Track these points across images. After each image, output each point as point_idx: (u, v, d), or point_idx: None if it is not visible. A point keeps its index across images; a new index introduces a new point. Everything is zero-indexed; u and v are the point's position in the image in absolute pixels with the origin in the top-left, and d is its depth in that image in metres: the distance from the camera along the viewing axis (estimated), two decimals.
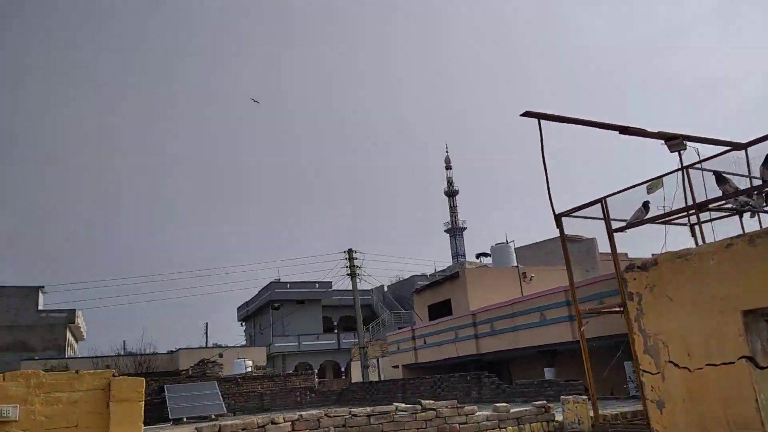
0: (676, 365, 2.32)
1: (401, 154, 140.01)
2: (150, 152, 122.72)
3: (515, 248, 30.92)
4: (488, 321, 20.93)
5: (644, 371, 2.51)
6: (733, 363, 2.09)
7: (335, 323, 50.92)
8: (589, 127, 10.53)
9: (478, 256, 39.58)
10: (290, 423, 8.23)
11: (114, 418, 7.34)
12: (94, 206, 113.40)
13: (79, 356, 45.54)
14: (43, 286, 49.79)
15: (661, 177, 10.06)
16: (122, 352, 43.36)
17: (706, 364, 2.17)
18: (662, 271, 2.43)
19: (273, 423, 8.18)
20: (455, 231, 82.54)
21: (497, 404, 9.86)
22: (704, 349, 2.20)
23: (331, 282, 41.59)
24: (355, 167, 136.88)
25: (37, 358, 40.11)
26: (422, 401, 9.20)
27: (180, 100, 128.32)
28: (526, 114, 10.23)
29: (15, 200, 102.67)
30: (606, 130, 10.54)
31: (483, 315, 21.42)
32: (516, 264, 28.54)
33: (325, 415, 8.50)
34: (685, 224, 10.47)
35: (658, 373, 2.42)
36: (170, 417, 20.81)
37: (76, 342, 56.57)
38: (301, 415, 8.40)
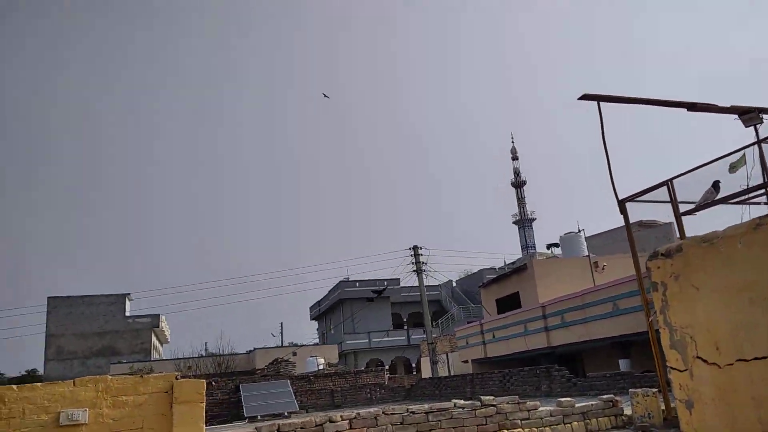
0: (704, 361, 2.10)
1: (465, 147, 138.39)
2: (220, 159, 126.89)
3: (586, 237, 29.88)
4: (558, 313, 20.33)
5: (671, 368, 2.30)
6: (766, 358, 1.85)
7: (405, 319, 51.02)
8: (652, 110, 10.00)
9: (548, 246, 38.54)
10: (348, 421, 8.25)
11: (177, 420, 7.59)
12: (172, 214, 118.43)
13: (164, 358, 47.66)
14: (129, 294, 52.65)
15: (741, 150, 9.34)
16: (204, 354, 45.03)
17: (737, 360, 1.94)
18: (688, 257, 2.21)
19: (330, 421, 8.22)
20: (524, 222, 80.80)
21: (561, 399, 9.54)
22: (733, 343, 1.97)
23: (399, 279, 41.69)
24: (418, 163, 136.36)
25: (125, 361, 42.31)
26: (482, 397, 9.01)
27: (239, 103, 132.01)
28: (584, 97, 9.82)
29: (98, 212, 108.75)
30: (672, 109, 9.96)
31: (553, 307, 20.83)
32: (587, 253, 27.58)
33: (383, 412, 8.47)
34: (759, 203, 9.75)
35: (686, 369, 2.21)
36: (245, 415, 21.37)
37: (161, 345, 59.45)
38: (358, 413, 8.41)
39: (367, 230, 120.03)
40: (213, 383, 23.04)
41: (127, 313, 51.93)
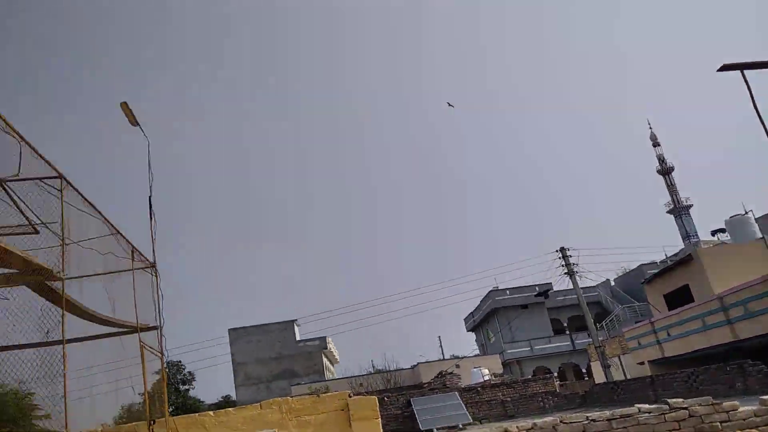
0: None
1: (597, 140, 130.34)
2: (366, 180, 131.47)
3: (756, 218, 26.97)
4: (740, 303, 18.36)
5: None
6: None
7: (565, 324, 48.93)
8: None
9: (713, 233, 35.10)
10: None
11: None
12: (329, 240, 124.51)
13: (336, 378, 49.96)
14: (296, 320, 56.28)
15: None
16: (371, 371, 46.58)
17: None
18: None
19: None
20: (679, 210, 74.07)
21: (764, 397, 8.52)
22: None
23: (550, 283, 40.31)
24: (549, 161, 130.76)
25: (303, 382, 44.95)
26: (669, 400, 8.34)
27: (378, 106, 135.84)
28: (725, 68, 8.92)
29: (263, 246, 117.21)
30: None
31: (732, 297, 18.87)
32: (760, 235, 24.87)
33: (561, 422, 8.15)
34: None
35: None
36: (421, 428, 21.85)
37: (332, 365, 62.45)
38: (535, 423, 8.17)
39: (507, 238, 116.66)
40: (385, 399, 23.79)
41: (298, 338, 55.35)
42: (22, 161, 5.32)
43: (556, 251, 30.75)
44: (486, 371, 34.09)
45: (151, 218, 8.34)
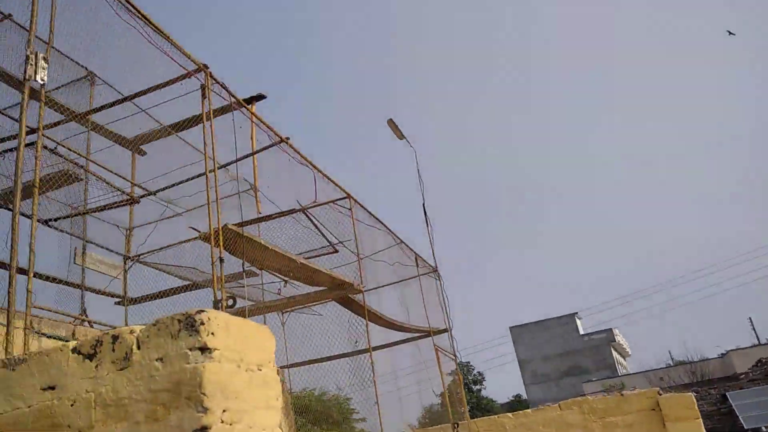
0: None
1: None
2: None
3: None
4: None
5: None
6: None
7: None
8: None
9: None
10: None
11: None
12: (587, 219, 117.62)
13: (630, 372, 46.80)
14: (577, 312, 54.23)
15: None
16: (671, 363, 42.67)
17: None
18: None
19: None
20: None
21: None
22: None
23: None
24: None
25: (594, 379, 43.05)
26: None
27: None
28: None
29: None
30: None
31: None
32: None
33: None
34: None
35: None
36: (745, 427, 19.38)
37: (623, 358, 58.70)
38: None
39: None
40: (695, 393, 21.54)
41: (581, 332, 53.29)
42: (317, 188, 6.01)
43: None
44: None
45: (427, 225, 8.76)
